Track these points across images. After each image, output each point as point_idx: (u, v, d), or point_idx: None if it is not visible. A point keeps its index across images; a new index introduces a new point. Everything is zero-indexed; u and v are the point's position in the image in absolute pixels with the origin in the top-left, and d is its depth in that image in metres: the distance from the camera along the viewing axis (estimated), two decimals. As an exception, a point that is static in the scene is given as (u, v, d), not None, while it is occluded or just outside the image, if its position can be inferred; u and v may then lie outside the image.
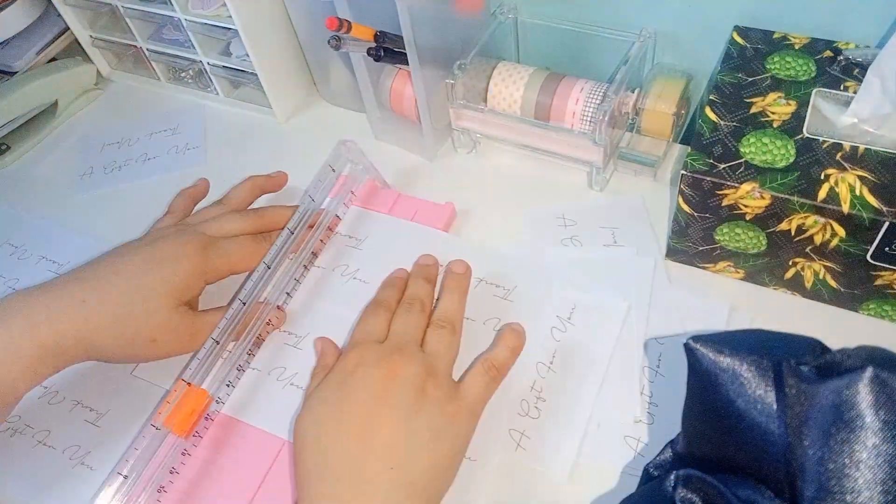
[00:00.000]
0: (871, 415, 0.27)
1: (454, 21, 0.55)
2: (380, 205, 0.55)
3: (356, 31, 0.50)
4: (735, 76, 0.47)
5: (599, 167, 0.53)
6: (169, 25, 0.68)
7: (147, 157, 0.66)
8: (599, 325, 0.46)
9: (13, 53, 0.69)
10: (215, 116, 0.69)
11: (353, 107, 0.66)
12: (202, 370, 0.43)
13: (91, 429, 0.47)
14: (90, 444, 0.46)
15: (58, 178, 0.66)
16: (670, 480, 0.33)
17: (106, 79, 0.75)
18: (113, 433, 0.46)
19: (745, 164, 0.42)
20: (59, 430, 0.47)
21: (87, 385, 0.49)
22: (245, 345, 0.46)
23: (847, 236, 0.40)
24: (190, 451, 0.43)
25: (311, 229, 0.51)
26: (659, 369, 0.44)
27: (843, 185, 0.40)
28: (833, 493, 0.27)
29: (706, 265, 0.49)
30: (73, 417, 0.47)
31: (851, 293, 0.44)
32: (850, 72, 0.46)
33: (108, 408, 0.47)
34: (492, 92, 0.55)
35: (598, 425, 0.42)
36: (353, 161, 0.54)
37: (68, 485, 0.44)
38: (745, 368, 0.32)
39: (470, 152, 0.60)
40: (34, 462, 0.45)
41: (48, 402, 0.48)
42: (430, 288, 0.47)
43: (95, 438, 0.46)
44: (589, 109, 0.51)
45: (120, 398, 0.48)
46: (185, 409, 0.41)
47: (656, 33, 0.54)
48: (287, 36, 0.63)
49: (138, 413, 0.47)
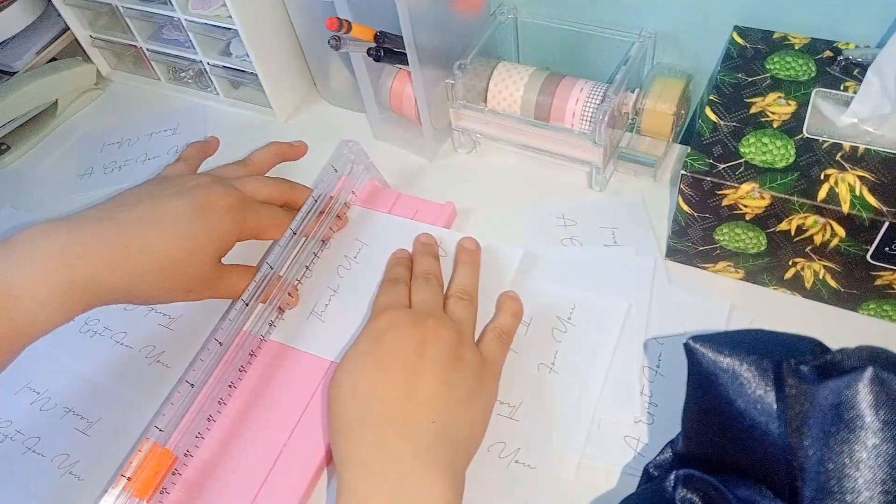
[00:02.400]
0: (870, 415, 0.27)
1: (454, 21, 0.55)
2: (380, 205, 0.55)
3: (356, 31, 0.50)
4: (735, 76, 0.47)
5: (599, 167, 0.53)
6: (169, 25, 0.68)
7: (147, 157, 0.66)
8: (600, 324, 0.46)
9: (13, 53, 0.69)
10: (215, 116, 0.69)
11: (353, 107, 0.66)
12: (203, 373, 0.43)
13: (81, 438, 0.46)
14: (79, 453, 0.45)
15: (58, 178, 0.66)
16: (670, 480, 0.33)
17: (106, 79, 0.75)
18: (102, 444, 0.46)
19: (745, 165, 0.42)
20: (49, 437, 0.46)
21: (79, 392, 0.48)
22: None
23: (847, 236, 0.40)
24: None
25: (319, 220, 0.51)
26: (659, 369, 0.44)
27: (843, 185, 0.40)
28: (833, 493, 0.27)
29: (706, 265, 0.49)
30: (63, 425, 0.47)
31: (851, 293, 0.44)
32: (850, 72, 0.46)
33: (100, 416, 0.47)
34: (492, 92, 0.55)
35: (598, 425, 0.42)
36: (354, 161, 0.54)
37: (55, 494, 0.44)
38: (745, 368, 0.32)
39: (470, 152, 0.60)
40: (22, 469, 0.45)
41: (40, 409, 0.48)
42: (437, 263, 0.48)
43: (85, 448, 0.46)
44: (589, 109, 0.51)
45: (112, 407, 0.48)
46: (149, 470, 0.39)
47: (656, 33, 0.54)
48: (287, 36, 0.63)
49: (129, 424, 0.46)
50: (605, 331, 0.46)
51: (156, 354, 0.50)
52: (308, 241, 0.51)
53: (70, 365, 0.50)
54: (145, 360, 0.50)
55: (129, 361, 0.50)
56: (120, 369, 0.49)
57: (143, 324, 0.52)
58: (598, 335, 0.46)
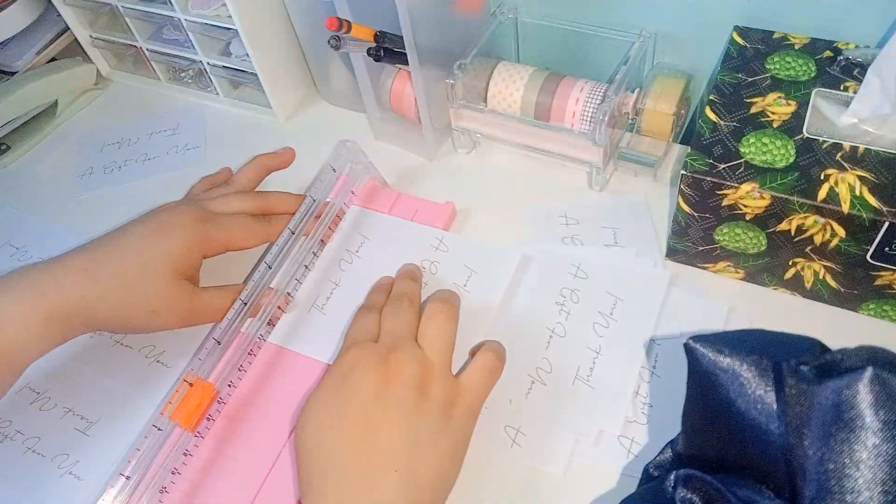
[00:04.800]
0: (870, 415, 0.27)
1: (454, 21, 0.55)
2: (380, 205, 0.55)
3: (356, 31, 0.50)
4: (735, 76, 0.47)
5: (599, 167, 0.53)
6: (169, 25, 0.68)
7: (147, 158, 0.66)
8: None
9: (13, 53, 0.69)
10: (215, 116, 0.69)
11: (353, 107, 0.66)
12: (208, 363, 0.43)
13: (81, 438, 0.46)
14: (79, 453, 0.46)
15: (58, 178, 0.66)
16: (670, 480, 0.33)
17: (106, 79, 0.75)
18: (102, 444, 0.46)
19: (745, 165, 0.42)
20: (48, 437, 0.47)
21: (79, 392, 0.48)
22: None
23: (847, 236, 0.40)
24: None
25: (315, 223, 0.51)
26: (655, 370, 0.44)
27: (843, 185, 0.40)
28: (833, 492, 0.27)
29: (706, 265, 0.49)
30: (63, 425, 0.47)
31: (851, 293, 0.44)
32: (850, 72, 0.46)
33: (99, 417, 0.47)
34: (492, 92, 0.55)
35: (594, 426, 0.42)
36: (353, 161, 0.54)
37: (55, 494, 0.44)
38: (745, 368, 0.32)
39: (470, 152, 0.60)
40: (22, 469, 0.45)
41: (39, 409, 0.48)
42: (415, 286, 0.47)
43: (84, 448, 0.46)
44: (589, 109, 0.51)
45: (112, 407, 0.48)
46: (191, 404, 0.41)
47: (656, 33, 0.54)
48: (287, 36, 0.63)
49: (129, 424, 0.46)
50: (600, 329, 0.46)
51: (156, 354, 0.50)
52: (307, 241, 0.51)
53: (69, 365, 0.50)
54: (145, 360, 0.50)
55: (129, 361, 0.50)
56: (120, 369, 0.49)
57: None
58: (595, 335, 0.46)
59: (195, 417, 0.41)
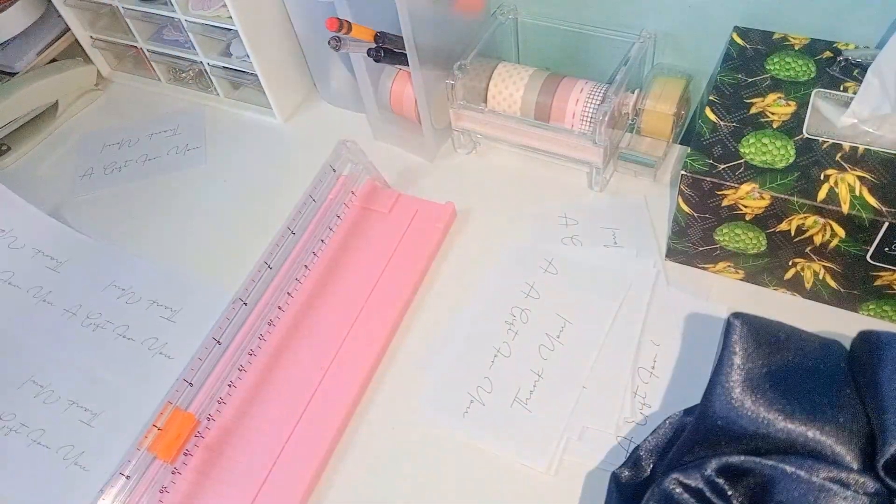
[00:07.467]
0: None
1: (454, 21, 0.55)
2: (380, 205, 0.55)
3: (356, 31, 0.50)
4: (735, 77, 0.47)
5: (599, 167, 0.53)
6: (169, 26, 0.68)
7: (147, 158, 0.66)
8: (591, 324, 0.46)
9: (14, 54, 0.69)
10: (216, 117, 0.69)
11: (353, 107, 0.66)
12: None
13: (85, 429, 0.47)
14: (84, 444, 0.46)
15: (58, 178, 0.66)
16: (670, 480, 0.33)
17: (106, 79, 0.75)
18: (107, 434, 0.46)
19: (745, 165, 0.42)
20: (53, 429, 0.47)
21: (83, 385, 0.49)
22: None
23: (847, 236, 0.40)
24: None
25: (315, 223, 0.51)
26: (654, 370, 0.44)
27: (843, 185, 0.40)
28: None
29: (706, 265, 0.49)
30: (68, 417, 0.47)
31: (851, 293, 0.44)
32: (850, 72, 0.46)
33: (104, 408, 0.48)
34: (492, 92, 0.55)
35: (590, 425, 0.42)
36: (353, 161, 0.54)
37: (61, 485, 0.44)
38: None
39: (470, 152, 0.60)
40: (28, 461, 0.46)
41: (43, 402, 0.48)
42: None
43: (90, 439, 0.46)
44: (589, 110, 0.51)
45: (116, 399, 0.48)
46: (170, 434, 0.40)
47: (656, 34, 0.54)
48: (287, 36, 0.63)
49: (133, 415, 0.47)
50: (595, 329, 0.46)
51: (158, 346, 0.50)
52: (307, 241, 0.50)
53: (72, 358, 0.50)
54: (148, 352, 0.50)
55: (132, 353, 0.50)
56: (123, 361, 0.50)
57: (145, 317, 0.52)
58: (590, 334, 0.46)
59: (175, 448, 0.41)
